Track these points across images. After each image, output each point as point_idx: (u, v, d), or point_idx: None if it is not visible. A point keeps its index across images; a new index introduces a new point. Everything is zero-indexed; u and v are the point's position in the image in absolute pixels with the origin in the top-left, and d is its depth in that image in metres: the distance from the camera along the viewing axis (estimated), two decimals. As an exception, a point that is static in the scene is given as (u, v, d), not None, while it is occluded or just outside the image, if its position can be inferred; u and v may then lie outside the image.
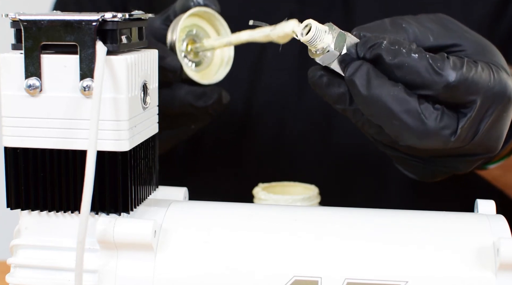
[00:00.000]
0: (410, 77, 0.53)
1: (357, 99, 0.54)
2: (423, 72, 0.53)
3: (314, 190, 0.67)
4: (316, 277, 0.50)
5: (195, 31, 0.65)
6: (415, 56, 0.53)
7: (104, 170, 0.51)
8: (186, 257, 0.51)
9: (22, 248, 0.53)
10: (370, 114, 0.54)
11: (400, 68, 0.53)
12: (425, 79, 0.53)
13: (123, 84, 0.50)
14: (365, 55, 0.54)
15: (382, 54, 0.53)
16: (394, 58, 0.53)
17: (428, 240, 0.51)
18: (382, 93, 0.52)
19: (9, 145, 0.51)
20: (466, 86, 0.53)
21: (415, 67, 0.53)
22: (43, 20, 0.50)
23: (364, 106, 0.54)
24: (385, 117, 0.53)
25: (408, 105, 0.53)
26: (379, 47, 0.53)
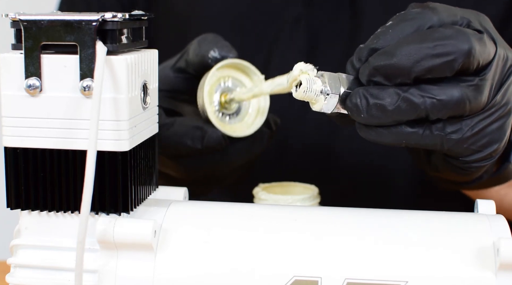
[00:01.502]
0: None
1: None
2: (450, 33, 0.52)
3: (314, 190, 0.67)
4: (316, 277, 0.50)
5: (224, 82, 0.65)
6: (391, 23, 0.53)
7: (104, 170, 0.51)
8: (186, 257, 0.51)
9: (22, 248, 0.53)
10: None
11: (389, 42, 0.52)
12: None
13: (123, 84, 0.50)
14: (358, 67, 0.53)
15: (370, 47, 0.53)
16: (378, 39, 0.53)
17: (428, 240, 0.51)
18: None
19: (9, 145, 0.51)
20: (480, 52, 0.53)
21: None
22: (43, 20, 0.50)
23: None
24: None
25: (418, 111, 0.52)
26: (360, 49, 0.53)
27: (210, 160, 0.64)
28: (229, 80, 0.65)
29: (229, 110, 0.65)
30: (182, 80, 0.65)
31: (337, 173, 0.81)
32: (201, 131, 0.62)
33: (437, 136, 0.54)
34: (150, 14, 0.55)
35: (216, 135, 0.62)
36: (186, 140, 0.63)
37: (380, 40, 0.53)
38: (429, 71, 0.52)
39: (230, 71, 0.65)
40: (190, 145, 0.62)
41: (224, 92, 0.65)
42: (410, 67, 0.51)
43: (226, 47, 0.64)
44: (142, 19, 0.54)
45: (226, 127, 0.64)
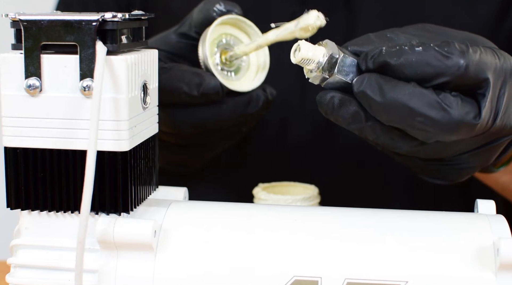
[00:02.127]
0: (422, 70, 0.52)
1: (374, 109, 0.53)
2: (433, 61, 0.51)
3: (314, 190, 0.67)
4: (316, 277, 0.50)
5: (225, 39, 0.64)
6: (420, 49, 0.52)
7: (104, 170, 0.51)
8: (186, 257, 0.51)
9: (22, 248, 0.53)
10: (391, 120, 0.53)
11: (409, 65, 0.52)
12: (437, 67, 0.52)
13: (123, 84, 0.50)
14: (369, 67, 0.53)
15: (387, 59, 0.52)
16: (399, 57, 0.52)
17: (428, 240, 0.51)
18: (397, 94, 0.52)
19: (9, 145, 0.51)
20: (477, 65, 0.52)
21: (424, 58, 0.52)
22: (43, 20, 0.50)
23: (383, 113, 0.52)
24: (408, 117, 0.52)
25: (427, 98, 0.52)
26: (380, 54, 0.52)
27: (202, 113, 0.62)
28: (230, 38, 0.64)
29: (229, 68, 0.64)
30: (184, 45, 0.64)
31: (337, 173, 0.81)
32: (199, 77, 0.61)
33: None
34: (150, 14, 0.55)
35: (214, 82, 0.61)
36: (182, 85, 0.61)
37: (399, 61, 0.52)
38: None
39: (233, 30, 0.64)
40: (186, 90, 0.61)
41: (225, 48, 0.64)
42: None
43: (231, 3, 0.63)
44: (142, 19, 0.54)
45: (226, 81, 0.63)
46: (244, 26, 0.64)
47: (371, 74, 0.52)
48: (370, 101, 0.52)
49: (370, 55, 0.53)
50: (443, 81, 0.52)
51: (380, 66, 0.52)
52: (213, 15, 0.63)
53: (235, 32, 0.65)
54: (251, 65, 0.65)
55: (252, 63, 0.65)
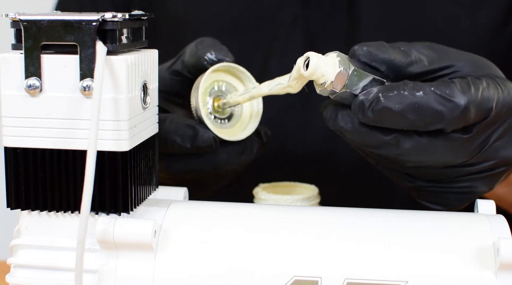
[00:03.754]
0: (424, 115, 0.51)
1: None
2: (436, 105, 0.50)
3: (314, 190, 0.67)
4: (316, 277, 0.50)
5: (217, 86, 0.64)
6: (421, 94, 0.51)
7: (104, 170, 0.51)
8: (186, 257, 0.51)
9: (22, 248, 0.53)
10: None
11: (412, 111, 0.51)
12: (440, 111, 0.51)
13: (123, 84, 0.50)
14: (367, 117, 0.51)
15: (388, 105, 0.51)
16: (401, 103, 0.51)
17: (428, 240, 0.51)
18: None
19: (9, 145, 0.51)
20: (479, 105, 0.52)
21: (426, 103, 0.50)
22: (43, 20, 0.50)
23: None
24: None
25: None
26: (379, 101, 0.51)
27: (197, 162, 0.63)
28: (223, 84, 0.64)
29: (221, 115, 0.64)
30: (177, 82, 0.64)
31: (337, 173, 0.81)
32: (193, 130, 0.61)
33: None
34: (150, 14, 0.55)
35: (208, 135, 0.61)
36: (176, 137, 0.61)
37: (400, 107, 0.51)
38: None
39: (225, 76, 0.64)
40: (179, 143, 0.61)
41: (217, 96, 0.64)
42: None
43: (223, 51, 0.63)
44: (142, 19, 0.54)
45: (219, 130, 0.63)
46: (236, 72, 0.64)
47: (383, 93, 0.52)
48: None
49: (367, 103, 0.51)
50: (443, 126, 0.52)
51: (379, 114, 0.51)
52: (204, 63, 0.62)
53: (228, 78, 0.64)
54: (244, 112, 0.65)
55: (245, 110, 0.65)
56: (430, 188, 0.57)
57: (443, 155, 0.53)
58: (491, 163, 0.55)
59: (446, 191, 0.57)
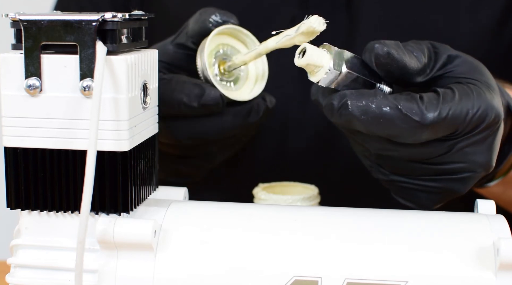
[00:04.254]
0: (388, 130, 0.52)
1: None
2: (400, 123, 0.52)
3: (314, 190, 0.67)
4: (316, 277, 0.50)
5: (222, 50, 0.64)
6: (387, 109, 0.52)
7: (104, 170, 0.51)
8: (186, 257, 0.51)
9: (22, 248, 0.53)
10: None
11: (376, 124, 0.52)
12: (403, 129, 0.52)
13: (123, 84, 0.50)
14: (336, 120, 0.53)
15: (354, 114, 0.52)
16: (367, 115, 0.52)
17: (428, 240, 0.51)
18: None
19: (9, 145, 0.51)
20: (444, 124, 0.52)
21: (390, 120, 0.52)
22: (43, 20, 0.50)
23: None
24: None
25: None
26: (346, 109, 0.52)
27: (203, 125, 0.62)
28: (228, 48, 0.64)
29: (227, 78, 0.64)
30: (181, 55, 0.63)
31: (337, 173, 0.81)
32: (200, 88, 0.60)
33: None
34: (150, 14, 0.55)
35: (215, 93, 0.60)
36: (183, 96, 0.60)
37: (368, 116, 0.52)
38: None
39: (230, 39, 0.64)
40: (186, 102, 0.60)
41: (223, 59, 0.63)
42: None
43: (228, 13, 0.62)
44: (142, 19, 0.54)
45: (226, 91, 0.62)
46: (241, 36, 0.64)
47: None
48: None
49: (336, 107, 0.52)
50: (406, 140, 0.53)
51: (347, 120, 0.52)
52: (209, 26, 0.62)
53: (232, 42, 0.64)
54: (250, 74, 0.65)
55: (250, 73, 0.65)
56: (402, 184, 0.58)
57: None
58: (459, 165, 0.55)
59: (417, 188, 0.58)
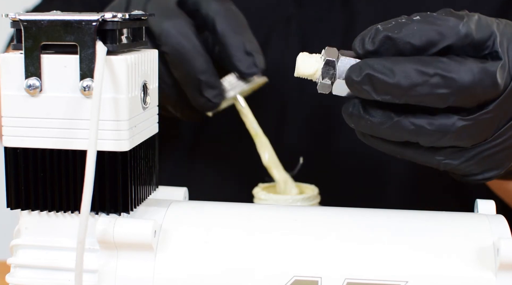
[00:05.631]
0: (426, 36, 0.50)
1: (385, 89, 0.50)
2: (434, 25, 0.50)
3: (314, 190, 0.67)
4: (316, 277, 0.50)
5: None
6: (418, 17, 0.51)
7: (104, 170, 0.51)
8: (186, 257, 0.51)
9: (22, 248, 0.53)
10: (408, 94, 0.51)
11: (413, 35, 0.50)
12: (438, 29, 0.50)
13: (123, 84, 0.50)
14: (367, 49, 0.51)
15: (388, 34, 0.50)
16: (400, 30, 0.50)
17: (428, 240, 0.51)
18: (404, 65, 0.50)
19: (9, 145, 0.51)
20: (478, 23, 0.51)
21: (424, 25, 0.50)
22: (43, 20, 0.50)
23: (396, 90, 0.50)
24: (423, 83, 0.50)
25: (435, 59, 0.50)
26: (378, 32, 0.50)
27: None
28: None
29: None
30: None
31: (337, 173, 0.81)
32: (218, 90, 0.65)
33: (434, 160, 0.54)
34: (150, 14, 0.55)
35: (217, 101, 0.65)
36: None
37: (401, 33, 0.51)
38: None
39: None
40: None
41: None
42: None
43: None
44: (142, 19, 0.54)
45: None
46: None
47: (366, 59, 0.51)
48: (378, 83, 0.50)
49: (367, 35, 0.51)
50: (448, 43, 0.50)
51: (381, 44, 0.51)
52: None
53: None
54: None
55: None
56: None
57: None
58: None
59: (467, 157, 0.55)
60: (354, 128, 0.53)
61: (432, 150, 0.53)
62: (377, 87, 0.50)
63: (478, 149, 0.54)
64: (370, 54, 0.51)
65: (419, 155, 0.54)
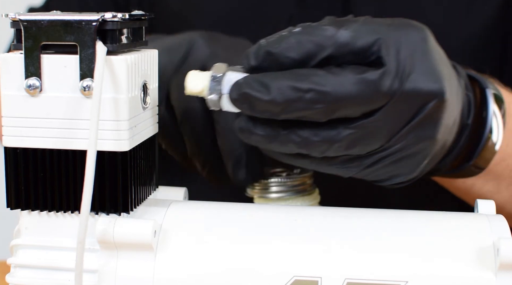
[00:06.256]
0: (303, 48, 0.49)
1: (263, 107, 0.50)
2: (312, 36, 0.50)
3: (314, 190, 0.67)
4: (316, 277, 0.50)
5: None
6: (298, 29, 0.50)
7: (104, 170, 0.51)
8: (186, 257, 0.51)
9: (22, 248, 0.53)
10: (284, 110, 0.50)
11: (291, 48, 0.50)
12: (315, 40, 0.50)
13: (123, 84, 0.50)
14: (251, 65, 0.50)
15: (268, 49, 0.50)
16: (280, 44, 0.50)
17: (428, 240, 0.51)
18: (280, 82, 0.49)
19: (9, 145, 0.51)
20: (358, 30, 0.50)
21: (302, 37, 0.50)
22: (43, 20, 0.50)
23: (273, 106, 0.50)
24: (298, 99, 0.49)
25: (311, 72, 0.49)
26: (260, 47, 0.50)
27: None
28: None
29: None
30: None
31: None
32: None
33: (333, 168, 0.53)
34: (150, 14, 0.55)
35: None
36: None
37: (280, 47, 0.50)
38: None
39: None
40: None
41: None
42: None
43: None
44: (142, 19, 0.54)
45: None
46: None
47: (247, 76, 0.50)
48: (255, 101, 0.49)
49: (252, 51, 0.51)
50: (327, 54, 0.50)
51: (263, 60, 0.50)
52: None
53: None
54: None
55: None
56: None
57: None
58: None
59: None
60: (247, 142, 0.52)
61: (328, 159, 0.53)
62: (254, 105, 0.50)
63: (375, 156, 0.53)
64: (254, 70, 0.51)
65: (317, 165, 0.53)
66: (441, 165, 0.63)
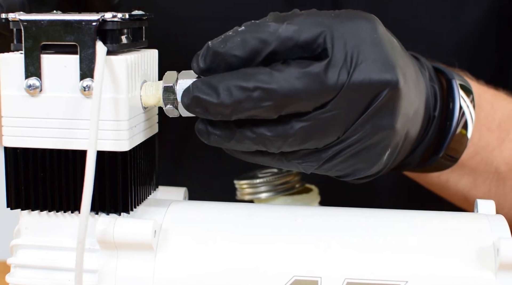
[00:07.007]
0: (248, 45, 0.50)
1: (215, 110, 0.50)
2: (256, 34, 0.50)
3: (314, 190, 0.67)
4: (316, 277, 0.50)
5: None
6: (242, 28, 0.50)
7: (104, 170, 0.51)
8: (186, 257, 0.51)
9: (22, 248, 0.53)
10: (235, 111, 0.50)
11: (237, 47, 0.50)
12: (259, 37, 0.50)
13: (123, 84, 0.50)
14: (200, 67, 0.51)
15: (215, 49, 0.50)
16: (225, 43, 0.50)
17: (428, 240, 0.51)
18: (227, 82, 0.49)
19: (9, 145, 0.51)
20: (300, 24, 0.50)
21: (247, 35, 0.50)
22: (43, 20, 0.50)
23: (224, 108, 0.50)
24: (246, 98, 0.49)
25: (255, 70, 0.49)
26: (208, 49, 0.50)
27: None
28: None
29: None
30: None
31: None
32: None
33: (293, 164, 0.53)
34: (150, 14, 0.55)
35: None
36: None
37: (226, 46, 0.50)
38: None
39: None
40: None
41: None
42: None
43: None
44: (142, 19, 0.54)
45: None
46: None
47: (196, 80, 0.51)
48: (206, 104, 0.50)
49: (200, 53, 0.51)
50: (271, 49, 0.50)
51: (212, 61, 0.50)
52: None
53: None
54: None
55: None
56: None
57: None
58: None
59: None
60: (207, 143, 0.52)
61: (287, 154, 0.53)
62: (205, 108, 0.50)
63: (333, 149, 0.52)
64: (204, 72, 0.51)
65: (278, 161, 0.53)
66: (411, 158, 0.62)
